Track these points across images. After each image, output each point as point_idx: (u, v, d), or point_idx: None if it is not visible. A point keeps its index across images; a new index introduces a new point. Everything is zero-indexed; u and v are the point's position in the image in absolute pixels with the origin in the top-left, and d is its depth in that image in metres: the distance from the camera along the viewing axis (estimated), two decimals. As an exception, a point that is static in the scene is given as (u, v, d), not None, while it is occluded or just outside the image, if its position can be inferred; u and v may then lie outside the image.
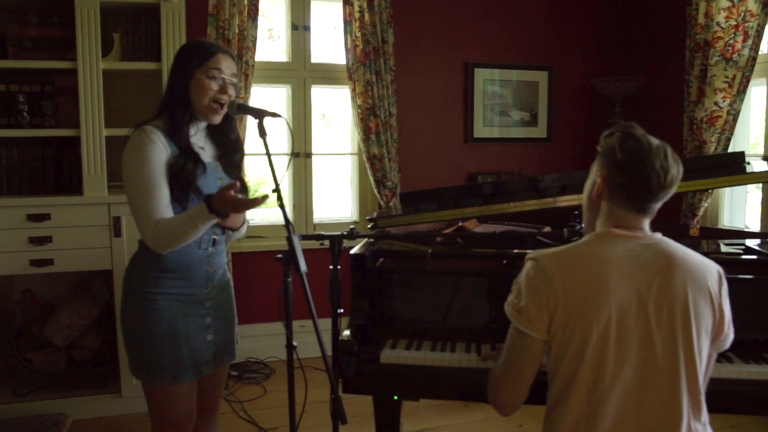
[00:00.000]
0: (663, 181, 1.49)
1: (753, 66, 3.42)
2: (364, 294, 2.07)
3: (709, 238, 2.76)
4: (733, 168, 2.56)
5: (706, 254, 1.57)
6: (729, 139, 3.59)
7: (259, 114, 1.95)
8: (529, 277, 1.52)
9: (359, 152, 4.16)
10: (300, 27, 4.02)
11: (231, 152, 2.13)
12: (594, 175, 1.62)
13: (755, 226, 3.72)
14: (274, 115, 1.95)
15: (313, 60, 4.07)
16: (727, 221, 3.88)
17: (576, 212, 2.63)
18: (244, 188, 2.15)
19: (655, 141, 1.54)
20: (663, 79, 4.26)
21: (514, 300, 1.54)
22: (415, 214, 2.46)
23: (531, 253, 1.58)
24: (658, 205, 1.54)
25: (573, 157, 4.61)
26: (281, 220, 1.84)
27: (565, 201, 2.46)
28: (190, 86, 1.97)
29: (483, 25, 4.35)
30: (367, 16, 3.88)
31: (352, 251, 2.14)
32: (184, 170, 1.94)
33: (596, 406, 1.43)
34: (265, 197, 1.91)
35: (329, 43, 4.23)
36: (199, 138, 2.06)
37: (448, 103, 4.34)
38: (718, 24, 3.55)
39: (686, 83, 3.79)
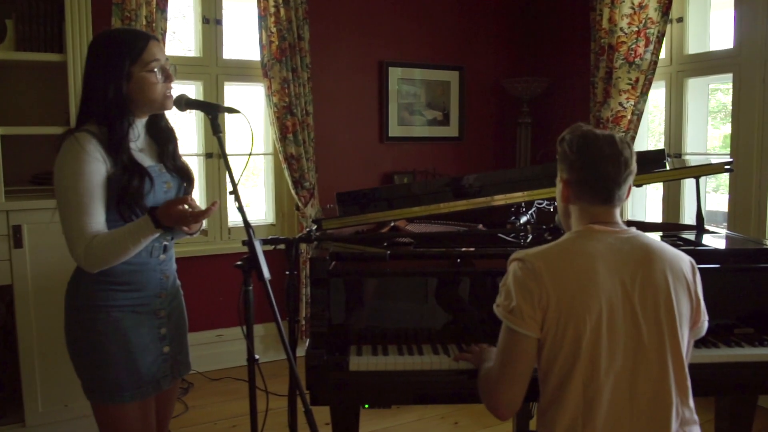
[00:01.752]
0: (619, 166, 1.54)
1: (654, 69, 3.66)
2: (326, 299, 1.97)
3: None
4: (656, 164, 2.71)
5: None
6: (634, 138, 3.81)
7: (213, 109, 1.81)
8: (518, 277, 1.51)
9: (275, 152, 4.01)
10: (211, 20, 3.80)
11: (164, 142, 1.95)
12: (558, 182, 1.65)
13: (656, 219, 3.99)
14: (230, 110, 1.81)
15: (225, 56, 3.87)
16: (630, 215, 4.13)
17: (512, 209, 2.69)
18: (188, 176, 1.99)
19: (600, 132, 1.59)
20: (568, 80, 4.46)
21: (504, 301, 1.53)
22: (362, 215, 2.39)
23: (515, 254, 1.57)
24: (622, 192, 1.57)
25: (484, 155, 4.73)
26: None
27: (502, 200, 2.49)
28: (130, 88, 1.78)
29: (396, 24, 4.35)
30: (282, 11, 3.75)
31: (310, 256, 2.04)
32: (129, 188, 1.76)
33: (592, 400, 1.44)
34: (214, 204, 1.78)
35: (241, 39, 4.04)
36: (140, 140, 1.88)
37: (363, 102, 4.30)
38: (621, 29, 3.77)
39: (592, 85, 3.99)
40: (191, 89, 3.90)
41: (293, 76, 3.81)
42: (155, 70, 1.80)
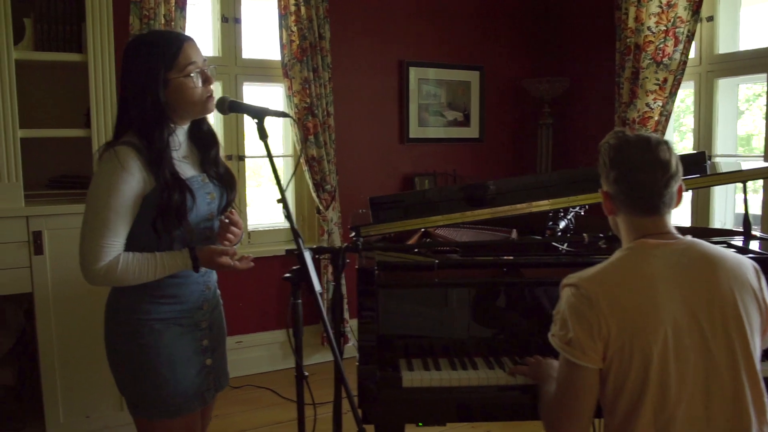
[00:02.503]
0: (654, 172, 1.44)
1: (684, 69, 3.58)
2: (374, 311, 1.88)
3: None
4: (696, 168, 2.63)
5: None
6: (661, 139, 3.73)
7: (259, 113, 1.72)
8: (572, 305, 1.43)
9: (294, 154, 3.92)
10: (230, 19, 3.71)
11: (206, 148, 1.87)
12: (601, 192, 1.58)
13: (684, 223, 3.92)
14: (279, 114, 1.73)
15: (245, 56, 3.78)
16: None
17: (550, 214, 2.61)
18: (231, 183, 1.91)
19: (634, 136, 1.50)
20: (591, 80, 4.38)
21: (560, 332, 1.44)
22: (402, 221, 2.30)
23: (567, 278, 1.49)
24: (667, 198, 1.47)
25: (504, 157, 4.65)
26: None
27: (546, 205, 2.40)
28: (168, 95, 1.69)
29: (416, 23, 4.26)
30: (303, 9, 3.65)
31: (357, 266, 1.95)
32: (170, 205, 1.68)
33: (664, 429, 1.36)
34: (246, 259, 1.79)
35: (260, 38, 3.94)
36: (182, 148, 1.79)
37: (383, 103, 4.21)
38: (648, 28, 3.69)
39: (617, 85, 3.91)
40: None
41: (314, 76, 3.72)
42: (192, 74, 1.71)
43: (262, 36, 3.92)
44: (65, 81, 3.07)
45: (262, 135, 1.71)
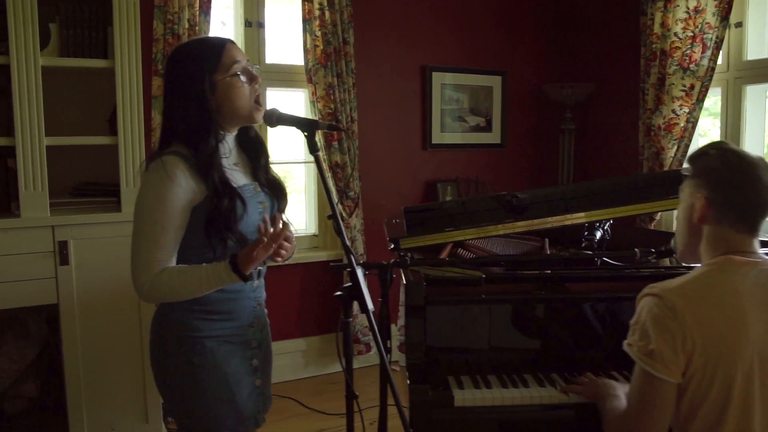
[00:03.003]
0: None
1: (711, 76, 3.54)
2: (422, 328, 1.84)
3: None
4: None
5: None
6: (688, 146, 3.69)
7: (310, 126, 1.67)
8: (656, 316, 1.38)
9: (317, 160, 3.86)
10: (254, 24, 3.66)
11: (256, 156, 1.83)
12: (690, 198, 1.51)
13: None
14: (332, 127, 1.68)
15: (268, 60, 3.72)
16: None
17: (586, 224, 2.56)
18: (282, 192, 1.85)
19: (753, 154, 1.46)
20: (614, 85, 4.33)
21: (640, 342, 1.40)
22: (443, 233, 2.25)
23: (649, 287, 1.45)
24: (764, 221, 1.46)
25: (525, 163, 4.60)
26: None
27: (582, 218, 2.35)
28: (216, 98, 1.64)
29: (439, 28, 4.21)
30: (327, 14, 3.61)
31: (404, 281, 1.90)
32: (219, 212, 1.62)
33: None
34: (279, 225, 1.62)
35: (283, 43, 3.89)
36: (232, 156, 1.74)
37: (406, 108, 4.16)
38: (675, 34, 3.65)
39: (642, 91, 3.87)
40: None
41: (338, 81, 3.67)
42: (239, 73, 1.66)
43: (286, 41, 3.87)
44: (87, 87, 3.02)
45: (313, 149, 1.66)
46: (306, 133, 1.67)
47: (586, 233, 2.62)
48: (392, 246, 2.26)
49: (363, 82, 3.89)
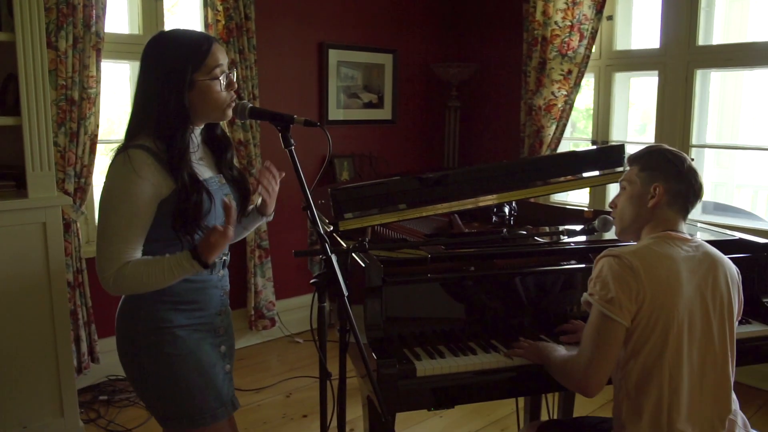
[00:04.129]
0: (702, 189, 1.78)
1: (587, 63, 3.94)
2: (379, 308, 1.97)
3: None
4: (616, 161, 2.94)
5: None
6: (565, 125, 4.10)
7: (284, 120, 1.72)
8: (615, 272, 1.65)
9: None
10: (151, -5, 3.49)
11: (222, 151, 1.85)
12: (642, 187, 1.79)
13: (584, 201, 4.34)
14: (308, 123, 1.74)
15: (167, 33, 3.57)
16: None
17: (494, 210, 2.83)
18: (246, 186, 1.91)
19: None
20: (497, 66, 4.65)
21: (601, 291, 1.66)
22: (381, 214, 2.38)
23: (608, 251, 1.71)
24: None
25: (415, 138, 4.82)
26: None
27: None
28: (191, 96, 1.64)
29: (335, 5, 4.25)
30: (229, -12, 3.53)
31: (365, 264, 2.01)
32: (187, 207, 1.63)
33: (676, 387, 1.63)
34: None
35: (184, 18, 3.74)
36: (199, 150, 1.75)
37: (304, 85, 4.19)
38: (555, 23, 4.00)
39: (524, 73, 4.21)
40: (127, 69, 3.57)
41: (240, 57, 3.62)
42: (217, 77, 1.67)
43: (186, 15, 3.73)
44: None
45: (287, 143, 1.72)
46: (279, 128, 1.71)
47: (495, 209, 2.89)
48: (331, 228, 2.36)
49: (263, 59, 3.86)
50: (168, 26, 3.57)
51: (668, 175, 1.75)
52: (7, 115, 2.72)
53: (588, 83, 4.26)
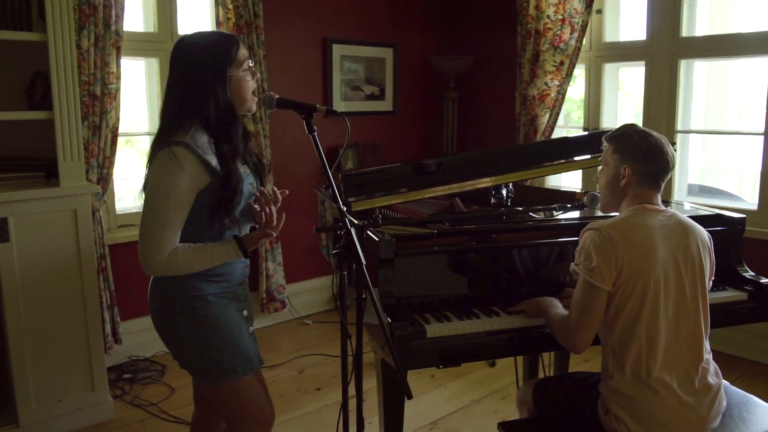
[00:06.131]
0: (672, 162, 1.97)
1: (578, 54, 4.15)
2: (392, 277, 2.18)
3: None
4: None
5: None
6: (558, 114, 4.31)
7: (307, 109, 1.92)
8: (596, 243, 1.86)
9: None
10: (166, -6, 3.68)
11: (243, 141, 2.05)
12: (614, 168, 2.00)
13: (576, 184, 4.55)
14: (329, 112, 1.94)
15: (181, 32, 3.76)
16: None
17: (493, 192, 3.03)
18: (263, 172, 2.12)
19: (656, 133, 1.98)
20: (493, 58, 4.86)
21: (585, 261, 1.87)
22: (390, 195, 2.59)
23: (590, 225, 1.93)
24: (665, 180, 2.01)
25: (415, 128, 5.03)
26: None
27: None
28: (230, 90, 1.85)
29: (337, 1, 4.45)
30: (238, -13, 3.72)
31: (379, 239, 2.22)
32: (226, 197, 1.85)
33: (654, 339, 1.85)
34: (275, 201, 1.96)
35: (197, 16, 3.93)
36: None
37: (309, 78, 4.39)
38: (548, 17, 4.20)
39: (519, 65, 4.41)
40: (142, 66, 3.76)
41: (250, 53, 3.81)
42: (247, 69, 1.88)
43: (198, 13, 3.92)
44: (18, 62, 2.96)
45: (310, 129, 1.92)
46: (303, 116, 1.91)
47: (493, 192, 3.10)
48: (345, 208, 2.57)
49: (270, 54, 4.06)
50: (181, 24, 3.77)
51: (635, 157, 1.94)
52: (34, 110, 2.92)
53: (579, 74, 4.47)
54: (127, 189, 4.04)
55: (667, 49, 3.91)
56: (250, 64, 1.91)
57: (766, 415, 2.05)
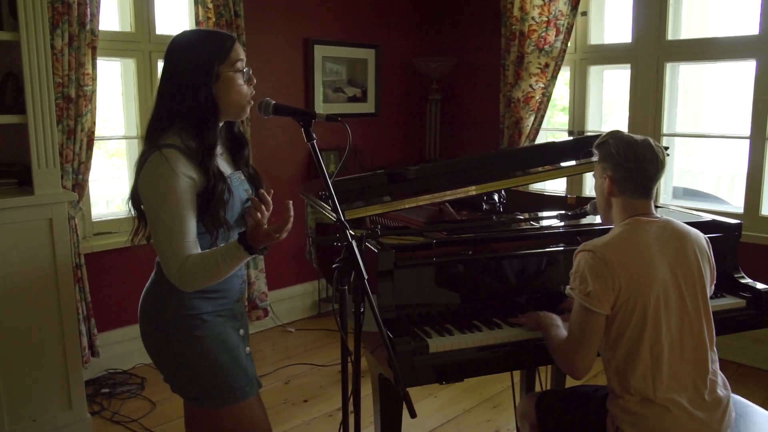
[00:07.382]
0: (657, 166, 1.88)
1: (563, 57, 4.12)
2: (391, 289, 2.10)
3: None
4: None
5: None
6: (543, 116, 4.28)
7: (306, 116, 1.83)
8: (591, 266, 1.79)
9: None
10: (142, -8, 3.53)
11: (240, 148, 1.96)
12: (600, 177, 1.95)
13: (560, 189, 4.53)
14: (329, 118, 1.85)
15: (159, 32, 3.62)
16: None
17: (485, 198, 2.97)
18: (260, 183, 1.99)
19: (640, 138, 1.92)
20: (476, 60, 4.80)
21: (581, 286, 1.81)
22: (380, 204, 2.50)
23: (583, 246, 1.86)
24: (656, 187, 1.94)
25: (397, 131, 4.95)
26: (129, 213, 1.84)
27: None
28: (217, 88, 1.74)
29: (319, 2, 4.35)
30: (218, -15, 3.60)
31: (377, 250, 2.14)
32: (214, 199, 1.73)
33: (658, 357, 1.80)
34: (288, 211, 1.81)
35: (175, 15, 3.79)
36: (219, 146, 1.84)
37: (291, 80, 4.28)
38: (533, 18, 4.17)
39: (503, 67, 4.37)
40: (118, 66, 3.62)
41: (231, 54, 3.69)
42: (240, 70, 1.78)
43: (177, 12, 3.78)
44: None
45: (309, 137, 1.83)
46: (302, 123, 1.82)
47: (485, 198, 3.04)
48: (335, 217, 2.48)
49: (251, 55, 3.93)
50: (159, 24, 3.63)
51: (613, 165, 1.88)
52: (5, 113, 2.76)
53: (564, 76, 4.44)
54: (99, 193, 3.88)
55: (652, 52, 3.90)
56: (246, 67, 1.81)
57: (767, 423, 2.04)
